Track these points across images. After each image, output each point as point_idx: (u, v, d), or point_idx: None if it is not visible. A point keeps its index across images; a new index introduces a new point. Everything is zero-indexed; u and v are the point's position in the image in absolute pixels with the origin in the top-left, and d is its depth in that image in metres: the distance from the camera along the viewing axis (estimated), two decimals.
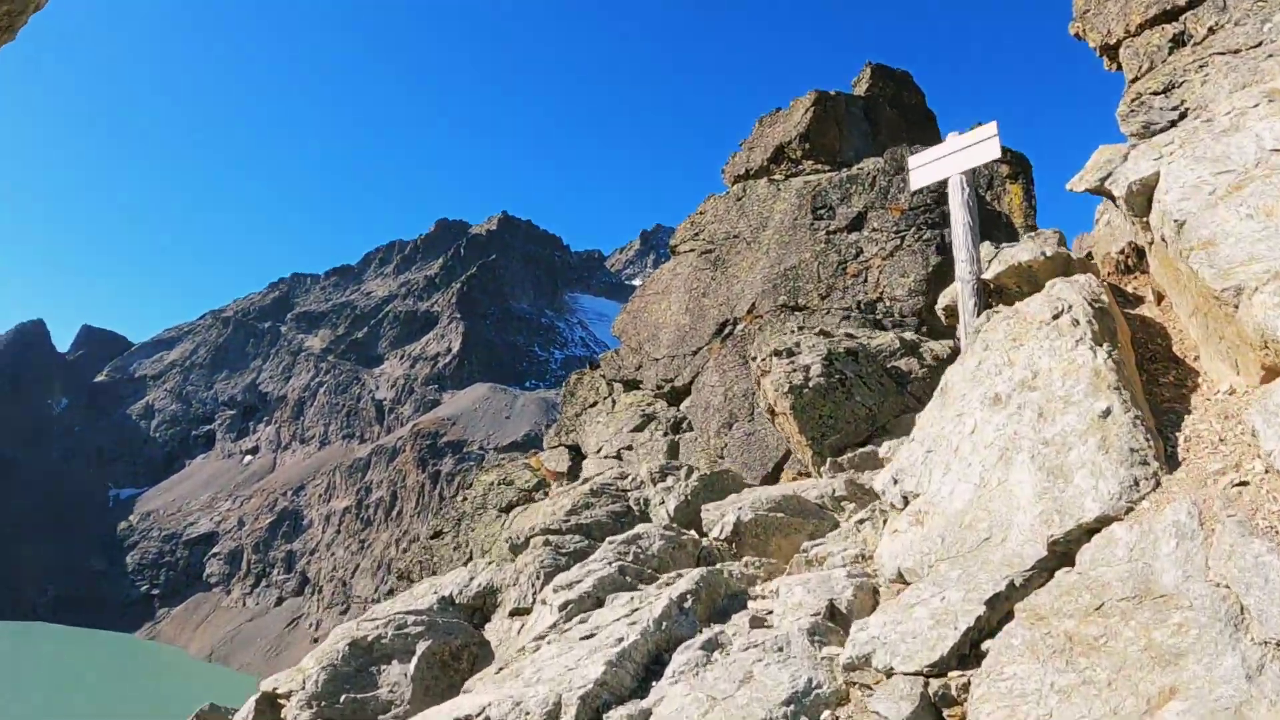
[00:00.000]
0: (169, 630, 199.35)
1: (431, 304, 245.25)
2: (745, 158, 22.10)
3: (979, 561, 6.31)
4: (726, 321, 18.38)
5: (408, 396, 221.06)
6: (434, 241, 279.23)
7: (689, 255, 20.69)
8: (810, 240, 18.08)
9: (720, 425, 16.71)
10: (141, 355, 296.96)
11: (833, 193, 18.41)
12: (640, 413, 18.85)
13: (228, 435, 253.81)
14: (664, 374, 19.04)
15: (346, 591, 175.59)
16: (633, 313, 21.28)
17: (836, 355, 14.12)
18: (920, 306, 15.85)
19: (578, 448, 19.99)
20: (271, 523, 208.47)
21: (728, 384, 17.14)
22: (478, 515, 19.61)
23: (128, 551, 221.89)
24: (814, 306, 16.88)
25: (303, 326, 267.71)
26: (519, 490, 19.48)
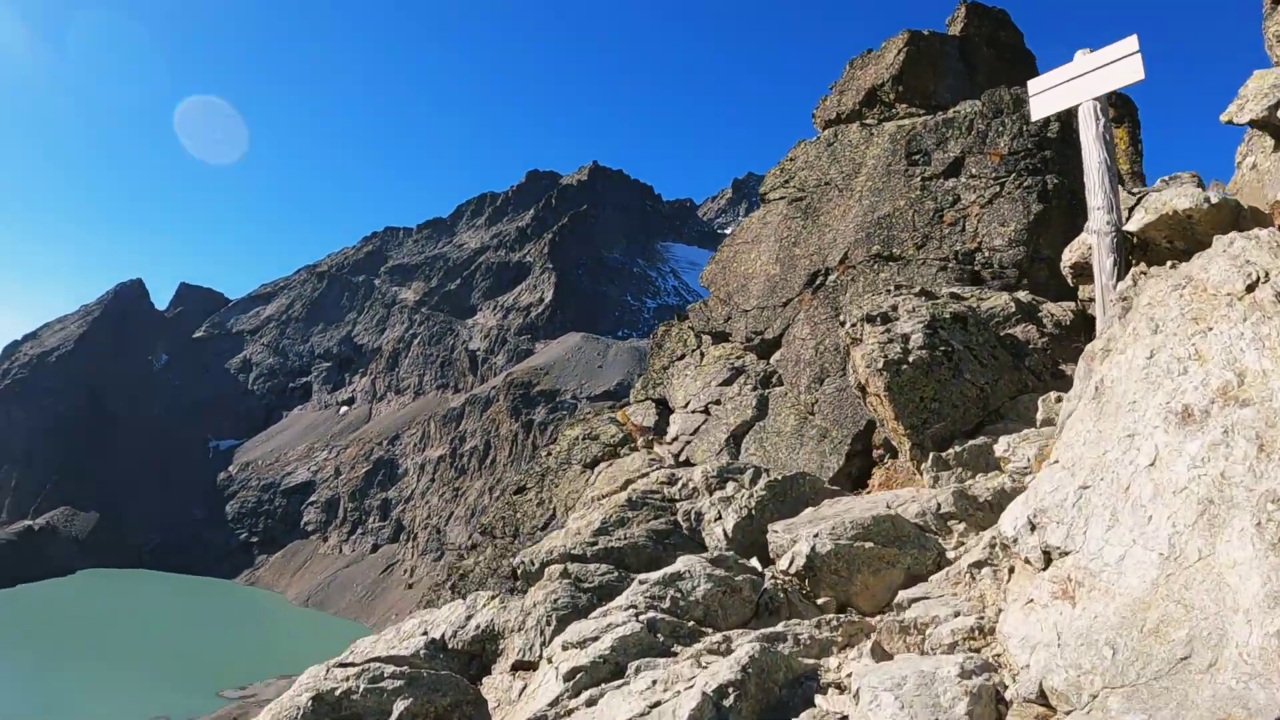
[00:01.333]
0: (267, 576, 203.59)
1: (523, 255, 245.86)
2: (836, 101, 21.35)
3: (1174, 701, 4.00)
4: (818, 272, 17.76)
5: (501, 347, 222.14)
6: (525, 193, 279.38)
7: (779, 203, 20.05)
8: (905, 187, 17.37)
9: (811, 380, 16.15)
10: (238, 311, 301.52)
11: (928, 137, 17.65)
12: (729, 366, 18.31)
13: (324, 387, 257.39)
14: (753, 326, 18.48)
15: (440, 539, 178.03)
16: (721, 263, 20.72)
17: (941, 322, 12.15)
18: (1021, 257, 15.07)
19: (665, 401, 19.52)
20: (367, 472, 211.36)
21: (819, 337, 16.56)
22: (562, 471, 19.28)
23: (228, 501, 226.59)
24: (909, 257, 16.19)
25: (396, 279, 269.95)
26: (604, 445, 19.09)
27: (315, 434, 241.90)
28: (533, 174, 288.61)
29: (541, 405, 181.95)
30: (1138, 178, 17.19)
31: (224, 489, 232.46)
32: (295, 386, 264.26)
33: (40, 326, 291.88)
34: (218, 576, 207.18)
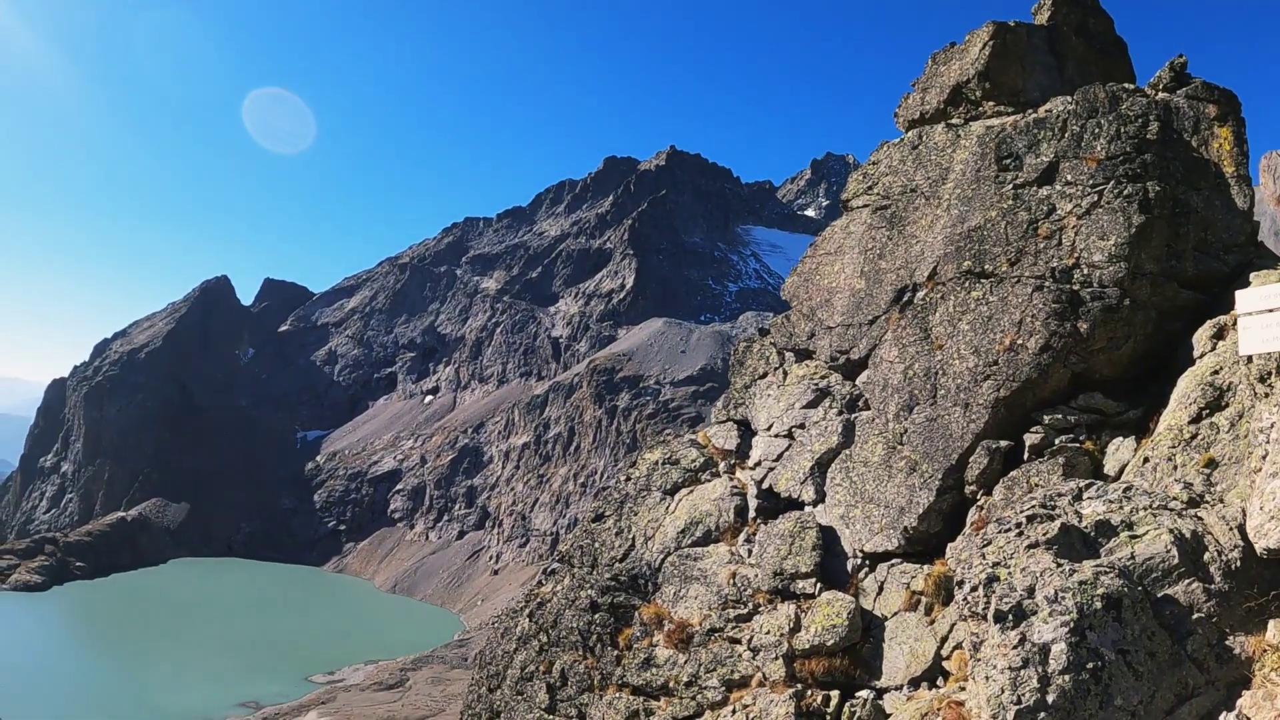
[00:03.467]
0: (355, 564, 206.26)
1: (604, 241, 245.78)
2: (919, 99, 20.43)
3: None
4: (905, 288, 16.95)
5: (583, 333, 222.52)
6: (603, 180, 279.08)
7: (862, 212, 19.25)
8: (996, 196, 16.47)
9: (899, 407, 15.39)
10: (322, 304, 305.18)
11: (1018, 140, 16.69)
12: (813, 387, 17.60)
13: (408, 377, 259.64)
14: (838, 344, 17.73)
15: (526, 525, 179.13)
16: (803, 275, 19.95)
17: (1091, 616, 8.99)
18: (1122, 275, 14.09)
19: (747, 423, 18.87)
20: (453, 460, 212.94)
21: (907, 360, 15.77)
22: (641, 498, 18.74)
23: (315, 490, 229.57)
24: (1002, 274, 15.31)
25: (478, 269, 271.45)
26: (685, 470, 18.52)
27: (401, 423, 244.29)
28: (610, 160, 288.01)
29: (625, 391, 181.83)
30: (1243, 181, 16.17)
31: (312, 479, 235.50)
32: (380, 377, 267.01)
33: (130, 325, 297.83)
34: (306, 564, 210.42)
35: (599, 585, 17.66)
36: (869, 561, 14.53)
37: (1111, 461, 12.94)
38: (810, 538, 15.02)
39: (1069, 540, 9.88)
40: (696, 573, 16.47)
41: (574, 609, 17.87)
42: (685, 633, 15.56)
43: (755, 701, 13.57)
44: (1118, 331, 13.94)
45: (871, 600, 13.94)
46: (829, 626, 13.46)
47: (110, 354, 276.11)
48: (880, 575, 14.17)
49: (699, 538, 17.06)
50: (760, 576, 15.16)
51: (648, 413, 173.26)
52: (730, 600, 15.33)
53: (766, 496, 16.73)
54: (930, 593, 13.11)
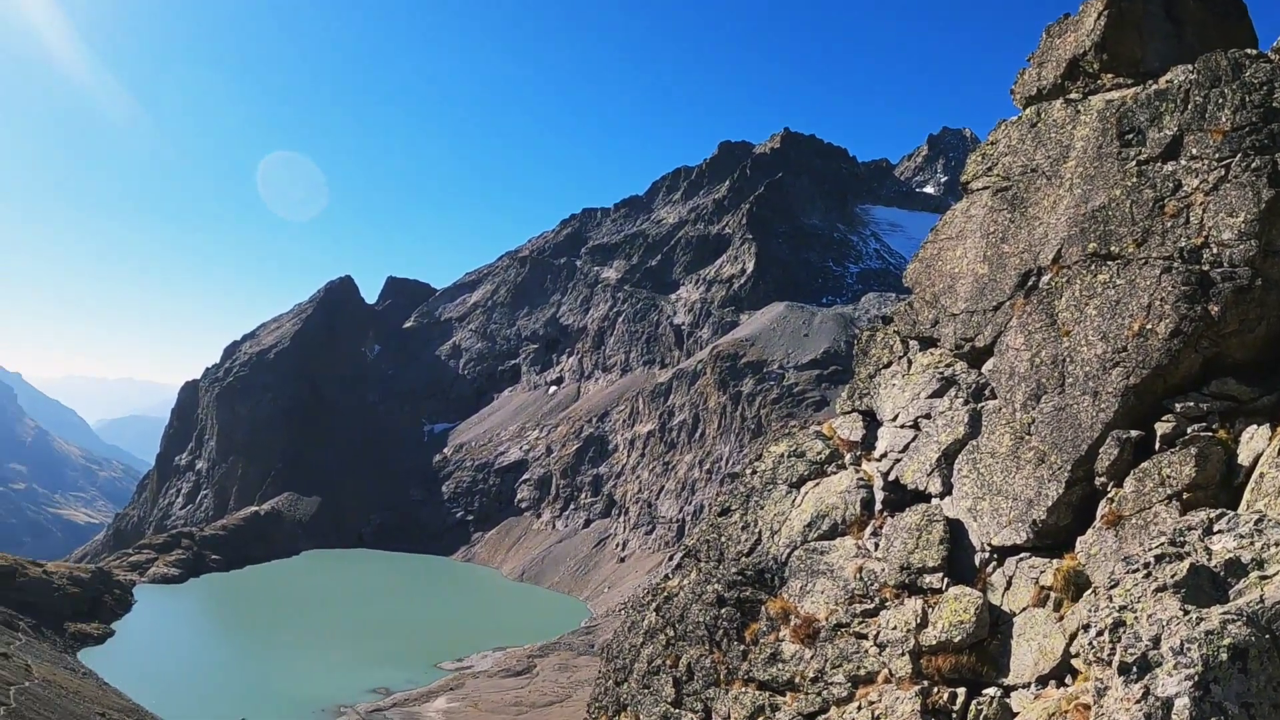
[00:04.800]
0: (483, 553, 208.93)
1: (722, 227, 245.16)
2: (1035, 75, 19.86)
3: None
4: (1029, 272, 16.54)
5: (705, 320, 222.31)
6: (719, 165, 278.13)
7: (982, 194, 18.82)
8: (1119, 173, 15.94)
9: (1027, 396, 15.03)
10: (445, 300, 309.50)
11: (1140, 113, 16.08)
12: (938, 375, 17.28)
13: (532, 368, 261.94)
14: (963, 331, 17.37)
15: (651, 512, 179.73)
16: (925, 260, 19.61)
17: (1217, 669, 8.25)
18: (1253, 253, 13.49)
19: (872, 413, 18.60)
20: (578, 449, 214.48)
21: (1034, 347, 15.39)
22: (767, 491, 18.61)
23: (443, 481, 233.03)
24: (1129, 255, 14.81)
25: (597, 259, 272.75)
26: (810, 463, 18.34)
27: (526, 414, 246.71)
28: (725, 145, 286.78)
29: (749, 376, 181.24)
30: None
31: (439, 470, 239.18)
32: (504, 369, 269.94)
33: (258, 326, 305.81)
34: (435, 554, 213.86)
35: (726, 579, 17.61)
36: (997, 555, 14.22)
37: (1245, 451, 12.44)
38: (937, 531, 14.77)
39: (1198, 582, 9.50)
40: (823, 567, 16.33)
41: (701, 603, 17.89)
42: (812, 628, 15.44)
43: (881, 698, 13.42)
44: (1250, 313, 13.38)
45: (999, 595, 13.65)
46: (956, 622, 13.24)
47: (240, 355, 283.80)
48: (1008, 570, 13.86)
49: (825, 531, 16.89)
50: (887, 571, 14.98)
51: (772, 398, 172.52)
52: (857, 595, 15.17)
53: (893, 489, 16.47)
54: (1059, 588, 12.80)
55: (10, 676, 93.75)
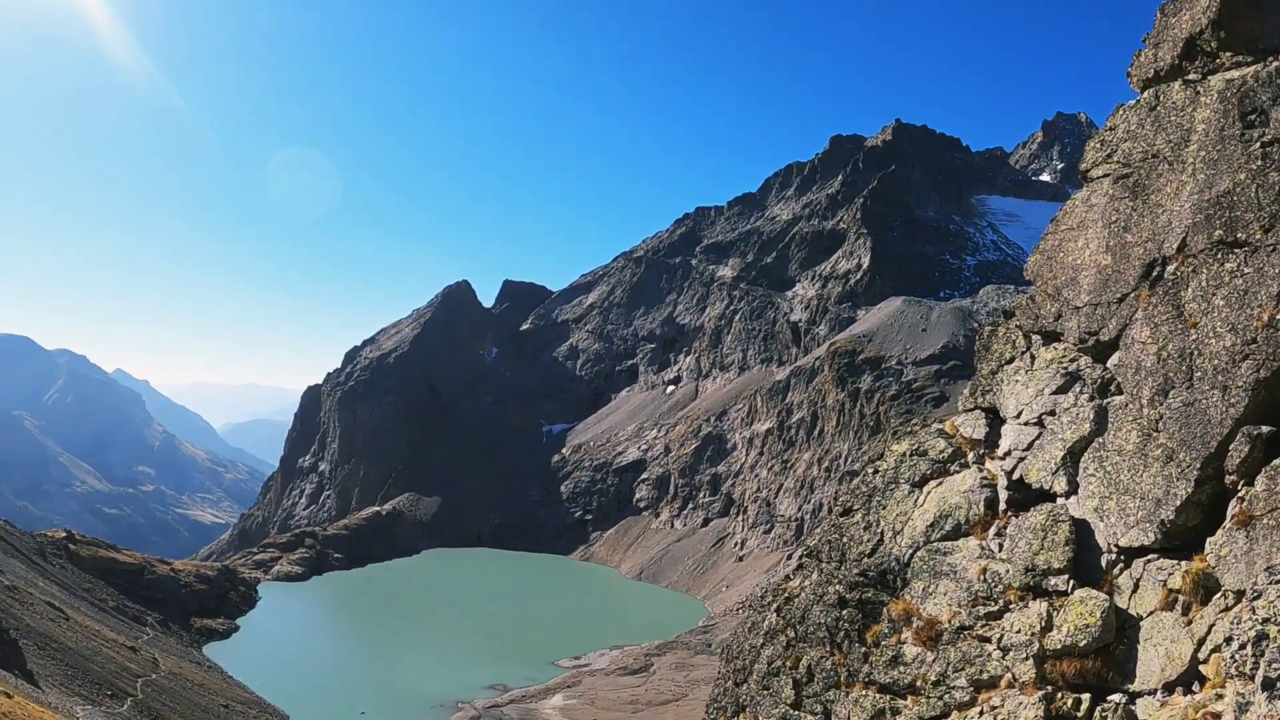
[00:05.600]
0: (601, 552, 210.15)
1: (836, 222, 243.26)
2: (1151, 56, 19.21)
3: None
4: (1154, 262, 16.02)
5: (822, 316, 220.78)
6: (830, 159, 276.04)
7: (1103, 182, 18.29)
8: (1243, 156, 15.32)
9: (1154, 392, 14.56)
10: (561, 302, 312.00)
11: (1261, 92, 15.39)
12: (1062, 371, 16.84)
13: (650, 368, 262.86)
14: (1086, 325, 16.90)
15: (770, 511, 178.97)
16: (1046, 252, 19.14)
17: None
18: None
19: (995, 410, 18.21)
20: (696, 448, 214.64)
21: (1160, 341, 14.90)
22: (889, 491, 18.33)
23: (562, 481, 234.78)
24: (1256, 242, 14.23)
25: (712, 258, 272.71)
26: (932, 462, 18.02)
27: (644, 414, 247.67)
28: (836, 139, 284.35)
29: (867, 373, 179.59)
30: None
31: (558, 470, 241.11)
32: (622, 369, 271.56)
33: (377, 332, 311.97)
34: (554, 553, 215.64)
35: (847, 580, 17.38)
36: (1124, 557, 13.80)
37: None
38: (1063, 532, 14.39)
39: None
40: (946, 568, 16.02)
41: (822, 604, 17.68)
42: (934, 630, 15.18)
43: (1004, 703, 13.12)
44: None
45: (1126, 598, 13.24)
46: (1082, 626, 12.88)
47: (361, 360, 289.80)
48: (1135, 571, 13.43)
49: (948, 531, 16.58)
50: (1011, 572, 14.64)
51: (890, 394, 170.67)
52: (980, 597, 14.86)
53: (1017, 488, 16.08)
54: (1188, 591, 12.35)
55: (138, 669, 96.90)
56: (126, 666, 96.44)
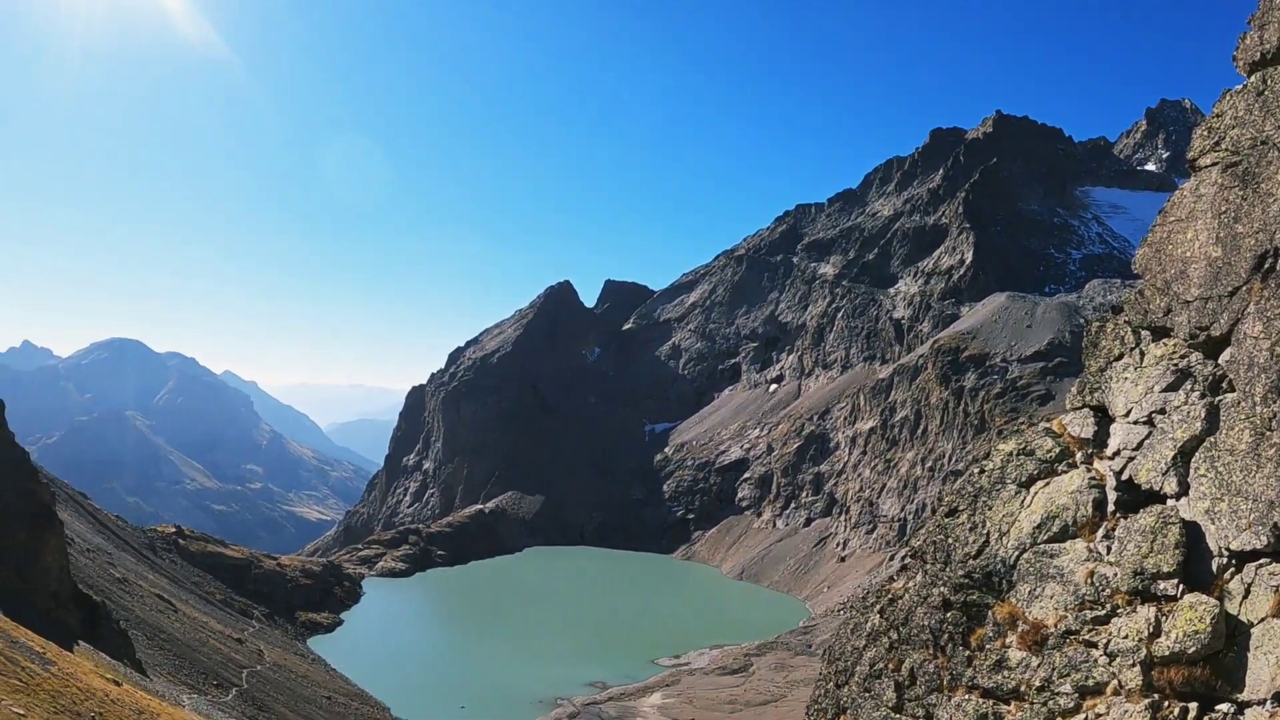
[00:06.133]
0: (703, 551, 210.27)
1: (938, 217, 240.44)
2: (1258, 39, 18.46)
3: None
4: (1266, 253, 15.43)
5: (925, 313, 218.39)
6: (931, 153, 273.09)
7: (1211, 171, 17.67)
8: None
9: (1267, 389, 14.02)
10: (663, 301, 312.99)
11: None
12: (1172, 368, 16.33)
13: (752, 367, 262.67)
14: (1197, 320, 16.36)
15: (873, 511, 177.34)
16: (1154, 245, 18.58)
17: None
18: None
19: (1103, 409, 17.74)
20: (799, 447, 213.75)
21: (1273, 336, 14.33)
22: (995, 491, 17.96)
23: (664, 481, 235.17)
24: None
25: (813, 255, 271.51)
26: (1039, 461, 17.61)
27: (746, 413, 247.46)
28: (936, 133, 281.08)
29: (971, 371, 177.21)
30: None
31: (660, 469, 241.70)
32: (724, 368, 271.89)
33: (480, 332, 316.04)
34: (656, 552, 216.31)
35: (952, 582, 17.05)
36: (1235, 561, 13.33)
37: None
38: (1173, 534, 13.94)
39: None
40: (1053, 570, 15.64)
41: (926, 606, 17.38)
42: (1039, 634, 14.81)
43: (1109, 710, 12.76)
44: None
45: (1236, 604, 12.77)
46: (1191, 632, 12.46)
47: (464, 361, 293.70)
48: (1247, 576, 12.94)
49: (1055, 533, 16.16)
50: (1119, 576, 14.22)
51: (995, 392, 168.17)
52: (1087, 601, 14.47)
53: (1126, 489, 15.60)
54: None
55: (243, 660, 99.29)
56: (232, 658, 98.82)
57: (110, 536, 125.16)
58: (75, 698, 48.88)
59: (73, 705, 47.66)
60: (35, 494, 78.80)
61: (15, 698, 43.73)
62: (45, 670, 50.50)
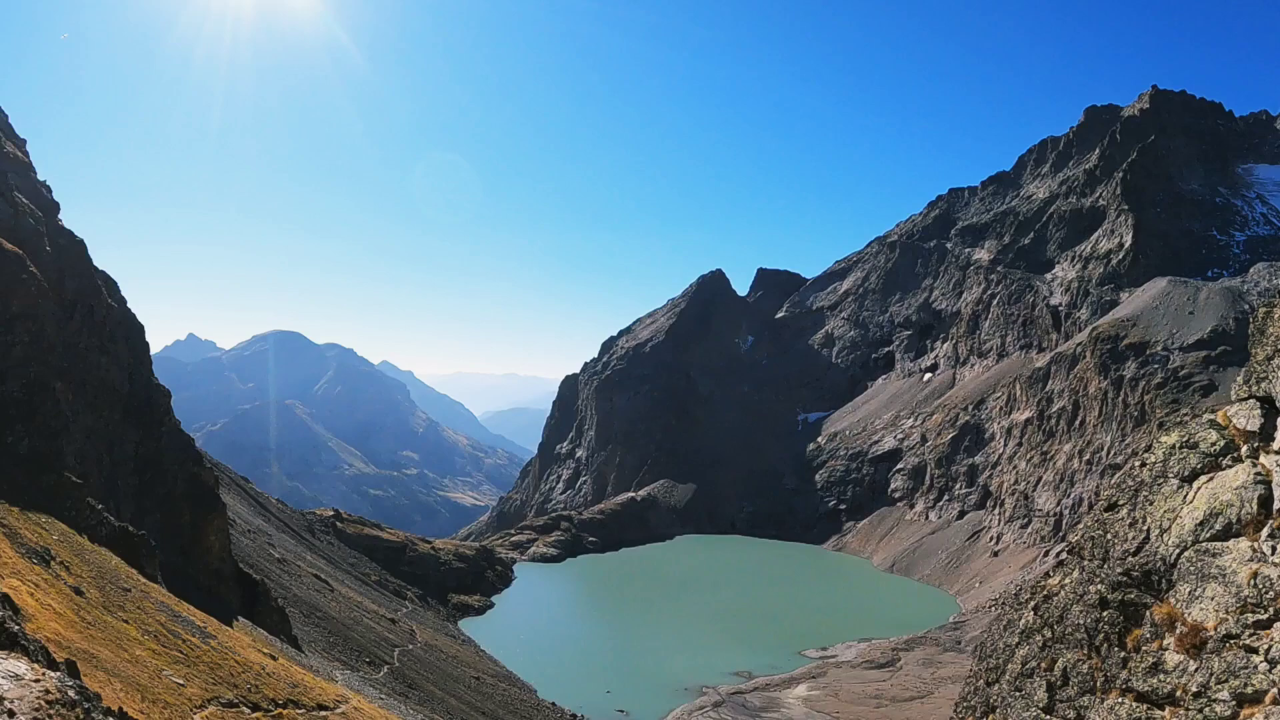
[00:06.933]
0: (854, 543, 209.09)
1: (1095, 199, 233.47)
2: None
3: None
4: None
5: (1083, 300, 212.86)
6: (1085, 132, 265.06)
7: None
8: None
9: None
10: (815, 289, 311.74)
11: None
12: None
13: (906, 355, 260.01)
14: None
15: (1028, 505, 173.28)
16: None
17: None
18: None
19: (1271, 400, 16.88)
20: (953, 438, 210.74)
21: None
22: (1157, 485, 17.20)
23: (816, 470, 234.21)
24: None
25: (967, 240, 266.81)
26: (1203, 455, 16.76)
27: (900, 402, 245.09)
28: (1090, 111, 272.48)
29: (1131, 359, 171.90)
30: None
31: (813, 459, 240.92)
32: (878, 357, 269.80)
33: (633, 321, 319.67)
34: (807, 543, 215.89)
35: (1109, 580, 16.37)
36: None
37: None
38: None
39: None
40: (1214, 570, 14.87)
41: (1082, 604, 16.79)
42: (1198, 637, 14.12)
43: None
44: None
45: None
46: None
47: (617, 350, 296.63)
48: None
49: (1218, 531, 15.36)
50: None
51: (1155, 382, 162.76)
52: (1249, 603, 13.72)
53: None
54: None
55: (396, 639, 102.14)
56: (385, 637, 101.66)
57: (271, 518, 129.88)
58: (233, 670, 51.48)
59: (230, 677, 50.13)
60: (200, 478, 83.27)
61: (176, 669, 46.28)
62: (205, 643, 52.99)
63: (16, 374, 62.67)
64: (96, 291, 79.49)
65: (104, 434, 75.22)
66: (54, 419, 64.32)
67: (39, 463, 60.57)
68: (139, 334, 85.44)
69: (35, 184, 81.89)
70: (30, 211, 73.93)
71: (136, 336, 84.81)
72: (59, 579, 47.90)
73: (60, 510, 58.47)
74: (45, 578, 46.56)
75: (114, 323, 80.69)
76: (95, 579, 52.00)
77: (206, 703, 44.58)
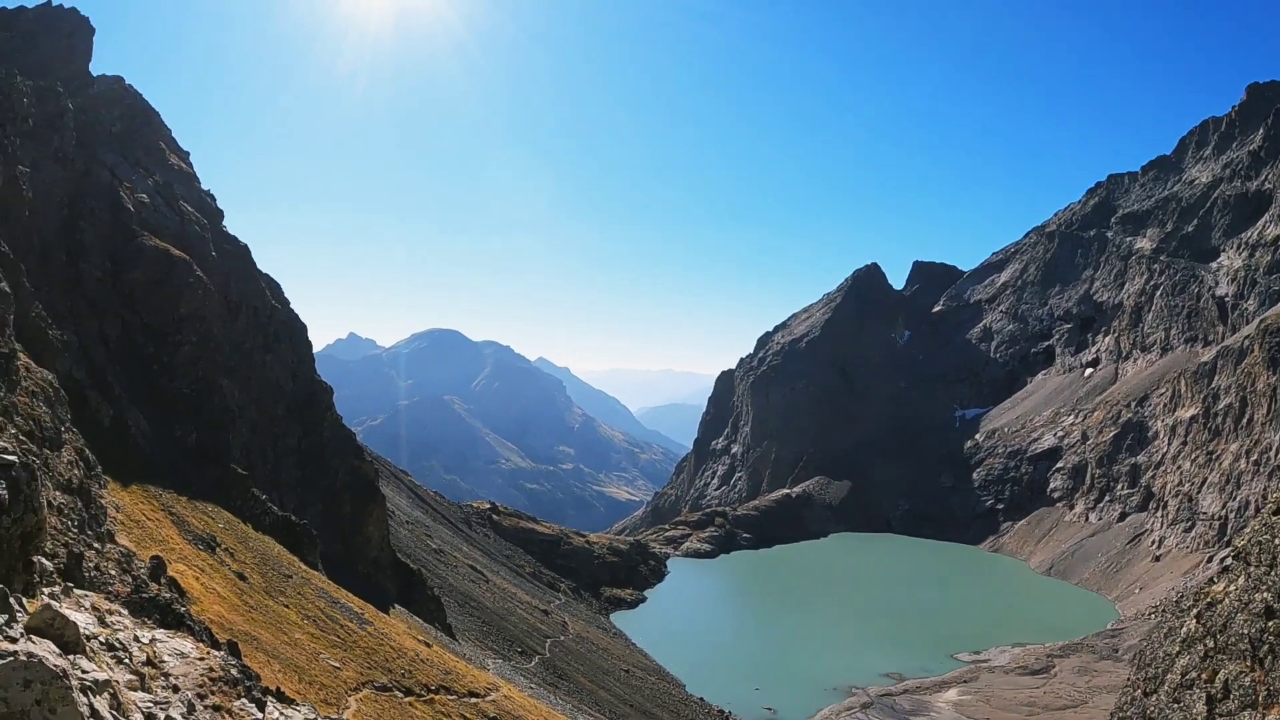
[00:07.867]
0: (1011, 543, 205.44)
1: (1261, 181, 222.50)
2: None
3: None
4: None
5: (1251, 290, 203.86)
6: (1249, 111, 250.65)
7: None
8: None
9: None
10: (973, 281, 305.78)
11: None
12: None
13: (1066, 349, 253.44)
14: None
15: (1191, 508, 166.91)
16: None
17: None
18: None
19: None
20: (1115, 436, 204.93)
21: None
22: None
23: (973, 469, 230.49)
24: None
25: (1128, 228, 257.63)
26: None
27: (1060, 398, 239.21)
28: (1254, 88, 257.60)
29: None
30: None
31: (970, 457, 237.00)
32: (1037, 351, 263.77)
33: (789, 317, 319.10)
34: (962, 542, 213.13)
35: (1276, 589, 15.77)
36: None
37: None
38: None
39: None
40: None
41: (1246, 613, 16.22)
42: None
43: None
44: None
45: None
46: None
47: (772, 345, 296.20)
48: None
49: None
50: None
51: None
52: None
53: None
54: None
55: (547, 630, 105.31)
56: (537, 627, 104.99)
57: (429, 510, 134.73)
58: (388, 655, 54.39)
59: (385, 662, 53.10)
60: (360, 470, 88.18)
61: (333, 652, 49.44)
62: (362, 629, 56.33)
63: (185, 372, 67.08)
64: (260, 293, 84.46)
65: (269, 429, 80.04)
66: (221, 414, 68.53)
67: (206, 455, 64.72)
68: (302, 333, 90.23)
69: (200, 193, 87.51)
70: (196, 219, 79.15)
71: (299, 336, 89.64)
72: (223, 565, 50.99)
73: (226, 500, 62.39)
74: (210, 563, 49.63)
75: (278, 323, 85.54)
76: (258, 565, 55.17)
77: (361, 686, 47.44)
